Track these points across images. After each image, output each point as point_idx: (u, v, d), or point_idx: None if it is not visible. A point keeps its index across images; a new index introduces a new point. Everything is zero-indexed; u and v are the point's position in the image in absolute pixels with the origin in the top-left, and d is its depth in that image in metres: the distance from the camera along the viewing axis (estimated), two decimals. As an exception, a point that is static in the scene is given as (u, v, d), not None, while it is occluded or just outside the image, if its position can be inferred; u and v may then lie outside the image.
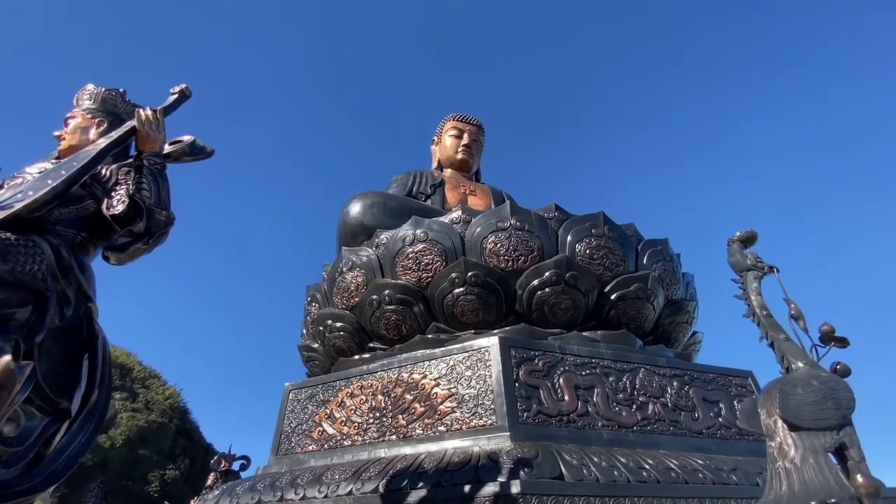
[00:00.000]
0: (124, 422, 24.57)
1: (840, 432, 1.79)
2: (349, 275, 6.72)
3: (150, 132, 2.58)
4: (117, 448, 23.75)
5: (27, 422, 1.93)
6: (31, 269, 2.00)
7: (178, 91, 2.91)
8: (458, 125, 11.76)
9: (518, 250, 5.99)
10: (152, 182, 2.54)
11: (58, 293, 2.07)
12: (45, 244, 2.10)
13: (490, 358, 4.63)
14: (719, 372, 5.60)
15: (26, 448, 1.90)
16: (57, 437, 2.03)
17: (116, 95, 3.02)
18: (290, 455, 5.28)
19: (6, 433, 1.87)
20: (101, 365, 2.22)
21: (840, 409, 1.83)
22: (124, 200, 2.46)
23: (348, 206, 7.94)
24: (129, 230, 2.42)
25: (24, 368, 1.63)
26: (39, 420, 1.98)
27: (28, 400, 1.95)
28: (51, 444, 2.00)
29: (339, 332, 6.78)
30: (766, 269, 2.49)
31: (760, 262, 2.51)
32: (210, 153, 3.05)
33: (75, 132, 2.80)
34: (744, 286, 2.48)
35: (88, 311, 2.27)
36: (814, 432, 1.80)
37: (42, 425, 1.98)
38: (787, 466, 1.80)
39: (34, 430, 1.95)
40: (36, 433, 1.95)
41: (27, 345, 1.92)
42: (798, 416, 1.86)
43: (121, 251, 2.43)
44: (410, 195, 10.55)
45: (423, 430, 4.57)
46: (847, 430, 1.79)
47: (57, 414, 2.04)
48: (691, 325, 7.08)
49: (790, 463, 1.80)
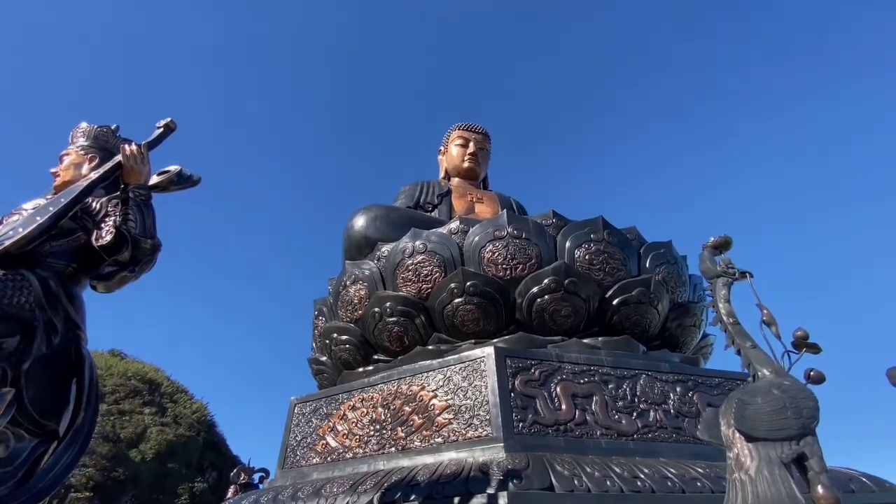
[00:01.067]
0: (154, 436, 25.25)
1: (800, 442, 1.75)
2: (352, 288, 6.83)
3: (135, 166, 2.73)
4: (148, 462, 24.40)
5: (17, 443, 2.07)
6: (19, 301, 2.14)
7: (163, 125, 3.06)
8: (464, 134, 11.85)
9: (516, 258, 6.00)
10: (138, 213, 2.68)
11: (45, 323, 2.22)
12: (33, 277, 2.24)
13: (486, 368, 4.64)
14: (726, 376, 5.47)
15: (15, 468, 2.03)
16: (45, 457, 2.16)
17: (108, 132, 3.20)
18: (295, 468, 5.38)
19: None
20: (87, 388, 2.35)
21: (801, 418, 1.80)
22: (111, 231, 2.60)
23: (352, 220, 8.08)
24: (115, 259, 2.56)
25: (4, 396, 1.75)
26: (28, 441, 2.11)
27: (17, 423, 2.09)
28: (39, 464, 2.13)
29: (344, 345, 6.89)
30: (738, 275, 2.46)
31: (732, 268, 2.48)
32: (196, 181, 3.19)
33: (69, 168, 2.98)
34: (713, 293, 2.45)
35: (76, 338, 2.41)
36: (771, 443, 1.77)
37: (31, 447, 2.11)
38: (742, 478, 1.77)
39: (23, 451, 2.08)
40: (25, 454, 2.08)
41: (14, 372, 2.05)
42: (754, 426, 1.83)
43: (107, 279, 2.58)
44: (418, 205, 10.67)
45: (421, 442, 4.60)
46: (808, 439, 1.75)
47: (45, 435, 2.17)
48: (700, 328, 6.93)
49: (745, 475, 1.77)
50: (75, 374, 2.35)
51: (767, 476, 1.69)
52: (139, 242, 2.62)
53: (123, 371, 27.35)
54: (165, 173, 3.09)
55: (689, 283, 7.18)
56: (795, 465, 1.75)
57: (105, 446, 23.32)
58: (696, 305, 6.80)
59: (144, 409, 26.41)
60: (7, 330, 2.08)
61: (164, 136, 3.08)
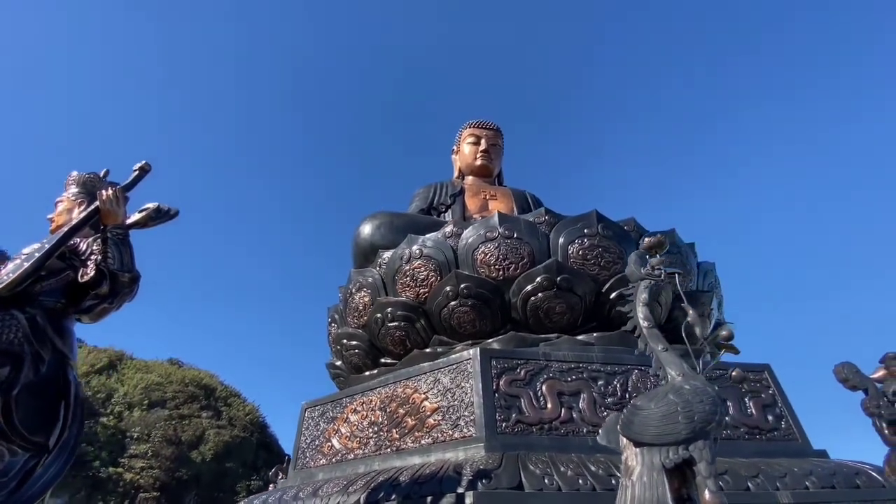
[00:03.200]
0: (212, 438, 26.96)
1: (689, 447, 1.76)
2: (357, 295, 7.10)
3: (111, 208, 3.05)
4: (207, 462, 26.10)
5: (10, 458, 2.42)
6: (8, 337, 2.50)
7: (139, 168, 3.39)
8: (475, 132, 11.88)
9: (508, 259, 6.04)
10: (115, 250, 3.00)
11: (32, 354, 2.57)
12: (21, 315, 2.60)
13: (471, 370, 4.75)
14: (728, 368, 5.29)
15: (10, 478, 2.38)
16: (37, 468, 2.50)
17: (94, 178, 3.57)
18: (304, 469, 5.71)
19: (-7, 468, 2.36)
20: (73, 407, 2.69)
21: (692, 423, 1.80)
22: (93, 268, 2.93)
23: (359, 228, 8.33)
24: (95, 293, 2.89)
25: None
26: (21, 455, 2.46)
27: (10, 440, 2.44)
28: (32, 474, 2.47)
29: (354, 350, 7.18)
30: (665, 277, 2.45)
31: (658, 270, 2.47)
32: (173, 215, 3.49)
33: (62, 214, 3.37)
34: (633, 296, 2.45)
35: (64, 365, 2.76)
36: (656, 448, 1.79)
37: (23, 460, 2.46)
38: (626, 483, 1.80)
39: (16, 465, 2.43)
40: (18, 466, 2.43)
41: (5, 398, 2.40)
42: (642, 432, 1.84)
43: (89, 312, 2.92)
44: (432, 207, 10.83)
45: (413, 443, 4.78)
46: (697, 444, 1.76)
47: (36, 449, 2.52)
48: (710, 318, 6.70)
49: (629, 479, 1.79)
50: (63, 396, 2.70)
51: (646, 482, 1.73)
52: (117, 277, 2.95)
53: (181, 378, 29.29)
54: (144, 210, 3.41)
55: (698, 271, 6.95)
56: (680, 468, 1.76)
57: (169, 449, 25.13)
58: (705, 294, 6.58)
59: (202, 412, 28.19)
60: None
61: (140, 178, 3.41)
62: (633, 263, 2.55)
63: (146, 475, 23.45)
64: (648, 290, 2.41)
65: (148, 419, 25.90)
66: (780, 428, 4.86)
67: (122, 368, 28.38)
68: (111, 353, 29.23)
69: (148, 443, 24.65)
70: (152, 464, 23.93)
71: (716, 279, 7.22)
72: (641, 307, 2.38)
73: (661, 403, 1.89)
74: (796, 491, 3.78)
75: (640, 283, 2.45)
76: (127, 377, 27.53)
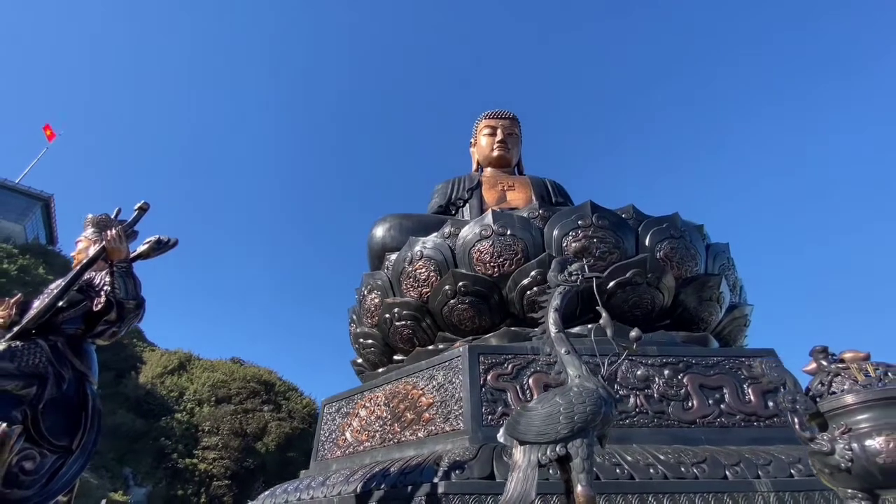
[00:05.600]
0: (273, 430, 28.93)
1: (567, 445, 1.91)
2: (369, 297, 7.50)
3: (115, 246, 3.55)
4: (271, 453, 28.08)
5: (41, 459, 2.97)
6: (33, 361, 3.04)
7: (138, 207, 3.90)
8: (491, 122, 11.91)
9: (503, 255, 6.18)
10: (121, 281, 3.51)
11: (54, 375, 3.11)
12: (43, 343, 3.15)
13: (461, 366, 4.99)
14: (728, 354, 5.20)
15: (40, 476, 2.92)
16: (63, 468, 3.04)
17: (106, 218, 4.11)
18: (322, 461, 6.21)
19: (27, 468, 2.92)
20: (91, 416, 3.22)
21: (571, 422, 1.95)
22: (104, 298, 3.45)
23: (372, 231, 8.72)
24: (105, 320, 3.41)
25: (13, 432, 2.61)
26: (49, 457, 3.00)
27: (39, 445, 3.00)
28: (58, 472, 3.02)
29: (370, 349, 7.62)
30: (582, 282, 2.56)
31: (576, 276, 2.58)
32: (172, 245, 3.98)
33: (81, 252, 3.93)
34: (547, 302, 2.57)
35: (83, 382, 3.30)
36: (536, 446, 1.95)
37: (51, 461, 3.00)
38: (510, 477, 1.97)
39: (46, 465, 2.97)
40: (47, 466, 2.97)
41: (33, 411, 2.94)
42: (525, 432, 2.01)
43: (100, 335, 3.45)
44: (450, 202, 11.03)
45: (411, 436, 5.11)
46: (575, 442, 1.91)
47: (62, 452, 3.06)
48: (721, 302, 6.51)
49: (512, 474, 1.97)
50: (83, 408, 3.24)
51: (521, 477, 1.91)
52: (123, 304, 3.45)
53: (243, 375, 31.50)
54: (147, 243, 3.92)
55: (708, 254, 6.75)
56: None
57: (236, 440, 27.25)
58: (712, 277, 6.39)
59: (263, 407, 30.24)
60: (27, 383, 2.98)
61: (140, 217, 3.93)
62: (552, 269, 2.68)
63: (218, 465, 25.61)
64: (562, 296, 2.55)
65: (216, 414, 28.16)
66: (779, 415, 4.75)
67: (191, 368, 30.93)
68: (181, 355, 31.92)
69: (217, 435, 26.86)
70: (222, 455, 26.08)
71: (728, 261, 6.98)
72: (552, 313, 2.52)
73: (548, 405, 2.06)
74: (777, 479, 3.75)
75: (555, 290, 2.58)
76: (195, 376, 29.99)
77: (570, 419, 1.97)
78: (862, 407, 2.19)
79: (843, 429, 2.13)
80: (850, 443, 2.08)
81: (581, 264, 2.66)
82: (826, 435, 2.17)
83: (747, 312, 7.01)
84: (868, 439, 2.07)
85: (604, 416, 1.99)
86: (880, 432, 2.05)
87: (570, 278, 2.58)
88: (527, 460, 1.94)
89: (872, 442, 2.05)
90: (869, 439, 2.07)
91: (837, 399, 2.24)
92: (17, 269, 27.99)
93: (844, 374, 2.26)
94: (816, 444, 2.15)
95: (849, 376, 2.24)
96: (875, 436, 2.06)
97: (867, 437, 2.08)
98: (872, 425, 2.13)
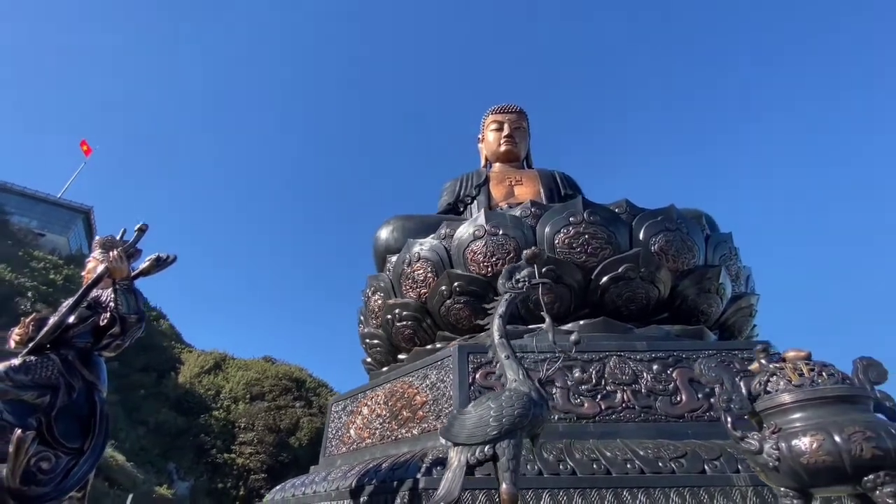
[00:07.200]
0: (305, 425, 29.94)
1: (494, 447, 2.04)
2: (373, 298, 7.74)
3: (117, 266, 3.88)
4: (304, 447, 29.09)
5: (56, 460, 3.32)
6: (46, 374, 3.40)
7: (138, 229, 4.23)
8: (497, 117, 11.93)
9: (495, 255, 6.28)
10: (123, 298, 3.84)
11: (65, 385, 3.45)
12: (55, 356, 3.50)
13: (451, 365, 5.16)
14: (720, 348, 5.16)
15: (56, 475, 3.28)
16: (75, 467, 3.39)
17: (111, 240, 4.45)
18: (329, 457, 6.51)
19: (44, 468, 3.28)
20: (99, 421, 3.56)
21: (500, 425, 2.07)
22: (108, 314, 3.80)
23: (377, 233, 8.94)
24: (110, 334, 3.75)
25: (28, 436, 2.95)
26: (63, 459, 3.35)
27: (53, 448, 3.35)
28: (71, 471, 3.37)
29: (377, 348, 7.87)
30: (527, 289, 2.66)
31: (523, 282, 2.68)
32: (171, 261, 4.30)
33: (90, 272, 4.29)
34: (494, 309, 2.68)
35: (92, 391, 3.65)
36: (467, 447, 2.08)
37: (65, 461, 3.35)
38: (443, 477, 2.11)
39: (60, 465, 3.32)
40: (61, 466, 3.32)
41: (47, 419, 3.30)
42: (458, 434, 2.14)
43: (106, 348, 3.79)
44: (458, 200, 11.12)
45: (406, 433, 5.31)
46: (502, 443, 2.04)
47: (74, 453, 3.40)
48: (722, 293, 6.41)
49: (445, 473, 2.10)
50: (93, 414, 3.59)
51: (450, 476, 2.05)
52: (125, 319, 3.79)
53: (275, 373, 32.63)
54: (148, 261, 4.26)
55: (707, 245, 6.66)
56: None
57: (270, 436, 28.33)
58: (711, 269, 6.31)
59: (295, 403, 31.29)
60: (41, 393, 3.35)
61: (139, 237, 4.26)
62: (501, 276, 2.79)
63: (254, 459, 26.74)
64: (507, 303, 2.66)
65: (251, 411, 29.35)
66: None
67: (226, 368, 32.27)
68: (216, 355, 33.33)
69: (253, 431, 28.01)
70: (258, 449, 27.20)
71: (731, 251, 6.85)
72: (497, 319, 2.64)
73: (481, 409, 2.19)
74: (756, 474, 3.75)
75: (501, 297, 2.70)
76: (230, 375, 31.29)
77: (499, 421, 2.10)
78: (794, 406, 2.23)
79: (772, 428, 2.18)
80: (777, 442, 2.13)
81: (530, 271, 2.76)
82: (757, 434, 2.22)
83: (753, 302, 6.87)
84: (795, 439, 2.11)
85: (533, 418, 2.11)
86: (806, 432, 2.09)
87: (517, 285, 2.69)
88: (457, 461, 2.09)
89: (799, 442, 2.09)
90: (796, 439, 2.11)
91: (771, 398, 2.28)
92: (63, 278, 29.84)
93: (780, 373, 2.30)
94: (746, 443, 2.20)
95: (784, 376, 2.28)
96: (802, 436, 2.10)
97: (794, 437, 2.12)
98: (803, 425, 2.17)
